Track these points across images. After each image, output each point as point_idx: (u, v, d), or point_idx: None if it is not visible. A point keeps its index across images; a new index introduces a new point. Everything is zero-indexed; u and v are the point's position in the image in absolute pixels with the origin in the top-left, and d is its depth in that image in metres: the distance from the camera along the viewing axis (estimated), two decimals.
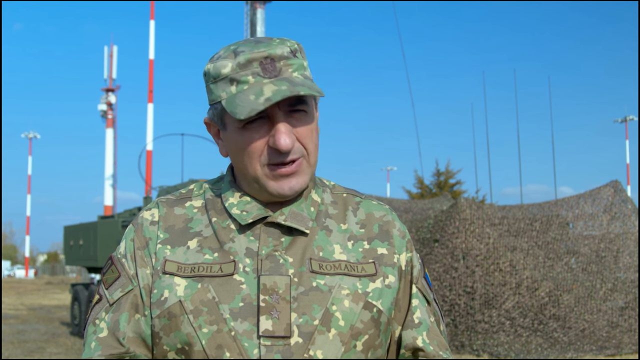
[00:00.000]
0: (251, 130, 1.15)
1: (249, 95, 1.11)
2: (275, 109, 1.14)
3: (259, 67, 1.13)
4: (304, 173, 1.18)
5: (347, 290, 1.16)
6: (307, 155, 1.18)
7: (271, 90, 1.10)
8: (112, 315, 1.18)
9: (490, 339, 9.45)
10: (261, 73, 1.13)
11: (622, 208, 10.66)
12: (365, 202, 1.32)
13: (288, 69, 1.15)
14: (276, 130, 1.13)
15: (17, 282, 43.20)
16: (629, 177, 39.95)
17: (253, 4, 23.02)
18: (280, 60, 1.14)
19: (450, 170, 27.75)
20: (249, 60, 1.13)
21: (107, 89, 49.25)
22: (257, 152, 1.16)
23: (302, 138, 1.17)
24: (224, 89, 1.15)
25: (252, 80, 1.13)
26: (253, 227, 1.20)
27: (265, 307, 1.12)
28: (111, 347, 1.16)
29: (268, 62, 1.13)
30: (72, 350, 10.83)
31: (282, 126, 1.14)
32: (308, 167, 1.19)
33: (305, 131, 1.17)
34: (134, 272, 1.20)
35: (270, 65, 1.14)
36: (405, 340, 1.24)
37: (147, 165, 27.33)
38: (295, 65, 1.16)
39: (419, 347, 1.23)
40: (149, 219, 1.25)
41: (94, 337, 1.18)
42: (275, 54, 1.14)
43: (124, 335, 1.16)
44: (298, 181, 1.18)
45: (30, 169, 55.29)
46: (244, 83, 1.13)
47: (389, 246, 1.25)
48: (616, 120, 43.42)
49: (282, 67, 1.14)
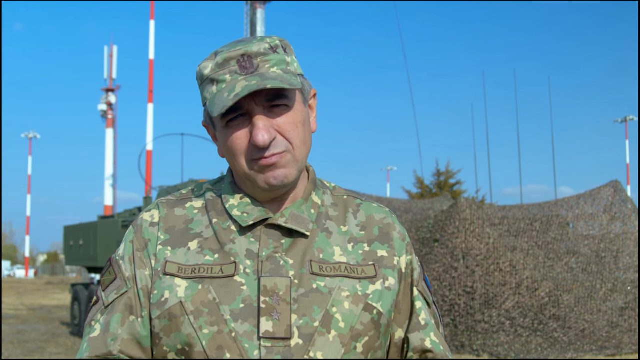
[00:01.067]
0: (233, 128, 1.17)
1: (224, 94, 1.14)
2: (252, 104, 1.15)
3: (236, 65, 1.15)
4: (289, 166, 1.18)
5: (347, 292, 1.16)
6: (293, 150, 1.18)
7: (241, 86, 1.12)
8: (106, 317, 1.19)
9: (490, 339, 9.45)
10: (238, 71, 1.15)
11: (622, 208, 10.65)
12: (365, 204, 1.32)
13: (265, 65, 1.16)
14: (253, 126, 1.15)
15: (17, 282, 43.22)
16: (629, 177, 39.98)
17: (253, 4, 23.03)
18: (257, 57, 1.16)
19: (450, 170, 27.75)
20: (226, 59, 1.16)
21: (107, 89, 49.26)
22: (241, 149, 1.17)
23: (284, 132, 1.17)
24: (207, 90, 1.18)
25: (229, 79, 1.15)
26: (253, 229, 1.20)
27: (265, 309, 1.12)
28: (97, 348, 1.17)
29: (245, 59, 1.16)
30: (72, 350, 10.83)
31: (259, 121, 1.14)
32: (294, 160, 1.18)
33: (287, 125, 1.17)
34: (130, 274, 1.21)
35: (247, 62, 1.15)
36: (414, 342, 1.24)
37: (147, 165, 27.34)
38: (274, 61, 1.17)
39: (427, 348, 1.24)
40: (148, 220, 1.25)
41: (86, 338, 1.20)
42: (252, 51, 1.16)
43: (112, 336, 1.17)
44: (283, 172, 1.17)
45: (30, 169, 55.37)
46: (222, 82, 1.16)
47: (389, 249, 1.25)
48: (616, 120, 43.43)
49: (260, 63, 1.16)
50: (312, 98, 1.28)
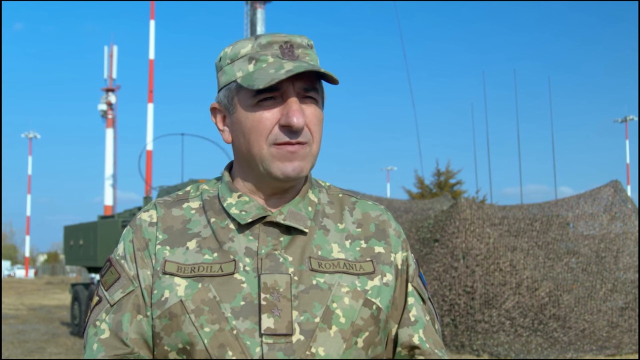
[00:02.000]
0: (263, 108, 1.17)
1: (270, 70, 1.14)
2: (290, 88, 1.16)
3: (278, 49, 1.17)
4: (307, 159, 1.19)
5: (346, 288, 1.17)
6: (312, 143, 1.19)
7: (292, 65, 1.14)
8: (114, 316, 1.18)
9: (490, 339, 9.46)
10: (280, 55, 1.17)
11: (622, 208, 10.65)
12: (360, 202, 1.33)
13: (305, 57, 1.19)
14: (289, 108, 1.15)
15: (17, 282, 43.22)
16: (629, 177, 39.99)
17: (253, 4, 23.04)
18: (299, 47, 1.19)
19: (451, 170, 27.75)
20: (270, 42, 1.18)
21: (107, 89, 49.24)
22: (266, 130, 1.16)
23: (310, 124, 1.18)
24: (240, 68, 1.19)
25: (271, 60, 1.17)
26: (252, 227, 1.21)
27: (266, 306, 1.12)
28: (115, 348, 1.15)
29: (288, 46, 1.18)
30: (72, 350, 10.83)
31: (295, 104, 1.15)
32: (311, 155, 1.20)
33: (313, 118, 1.19)
34: (134, 273, 1.20)
35: (289, 50, 1.18)
36: (402, 338, 1.25)
37: (147, 165, 27.34)
38: (312, 56, 1.21)
39: (415, 344, 1.24)
40: (147, 220, 1.25)
41: (95, 338, 1.17)
42: (295, 41, 1.19)
43: (126, 335, 1.16)
44: (301, 164, 1.18)
45: (30, 169, 55.36)
46: (262, 62, 1.17)
47: (385, 245, 1.26)
48: (616, 120, 43.43)
49: (300, 54, 1.19)
50: None
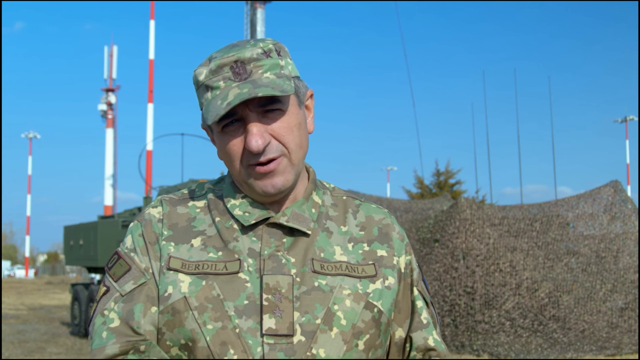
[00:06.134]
0: (229, 134, 1.18)
1: (217, 101, 1.15)
2: (246, 110, 1.16)
3: (229, 71, 1.16)
4: (286, 171, 1.19)
5: (348, 291, 1.17)
6: (289, 154, 1.19)
7: (234, 94, 1.13)
8: (124, 305, 1.17)
9: (491, 339, 9.46)
10: (232, 77, 1.16)
11: (622, 208, 10.65)
12: (364, 205, 1.33)
13: (258, 70, 1.17)
14: (247, 132, 1.16)
15: (17, 282, 43.22)
16: (629, 177, 39.99)
17: (253, 4, 23.04)
18: (250, 62, 1.16)
19: (450, 170, 27.75)
20: (220, 65, 1.16)
21: (107, 89, 49.30)
22: (237, 154, 1.18)
23: (279, 137, 1.18)
24: (203, 96, 1.19)
25: (222, 85, 1.16)
26: (255, 228, 1.21)
27: (268, 306, 1.13)
28: (126, 335, 1.14)
29: (238, 65, 1.16)
30: (72, 350, 10.83)
31: (253, 127, 1.15)
32: (290, 165, 1.19)
33: (282, 130, 1.18)
34: (146, 265, 1.20)
35: (240, 68, 1.16)
36: (417, 342, 1.26)
37: (147, 165, 27.36)
38: (267, 66, 1.17)
39: (431, 347, 1.26)
40: (156, 215, 1.25)
41: (104, 327, 1.16)
42: (245, 57, 1.16)
43: (138, 324, 1.15)
44: (280, 179, 1.18)
45: (30, 169, 55.35)
46: (216, 89, 1.17)
47: (388, 248, 1.27)
48: (616, 120, 43.40)
49: (253, 68, 1.17)
50: (308, 99, 1.29)
